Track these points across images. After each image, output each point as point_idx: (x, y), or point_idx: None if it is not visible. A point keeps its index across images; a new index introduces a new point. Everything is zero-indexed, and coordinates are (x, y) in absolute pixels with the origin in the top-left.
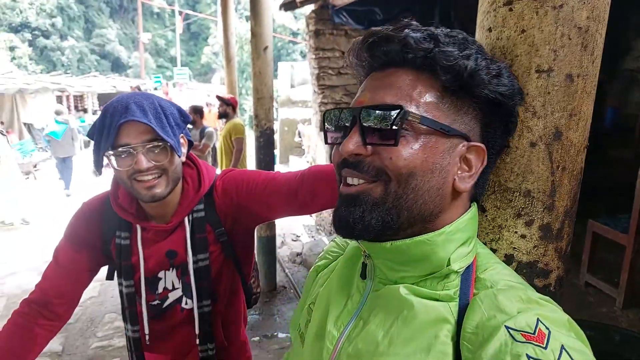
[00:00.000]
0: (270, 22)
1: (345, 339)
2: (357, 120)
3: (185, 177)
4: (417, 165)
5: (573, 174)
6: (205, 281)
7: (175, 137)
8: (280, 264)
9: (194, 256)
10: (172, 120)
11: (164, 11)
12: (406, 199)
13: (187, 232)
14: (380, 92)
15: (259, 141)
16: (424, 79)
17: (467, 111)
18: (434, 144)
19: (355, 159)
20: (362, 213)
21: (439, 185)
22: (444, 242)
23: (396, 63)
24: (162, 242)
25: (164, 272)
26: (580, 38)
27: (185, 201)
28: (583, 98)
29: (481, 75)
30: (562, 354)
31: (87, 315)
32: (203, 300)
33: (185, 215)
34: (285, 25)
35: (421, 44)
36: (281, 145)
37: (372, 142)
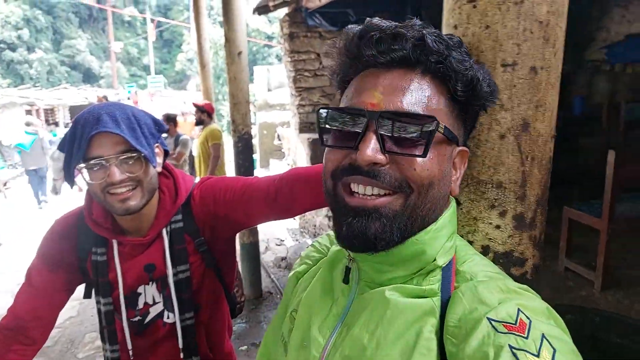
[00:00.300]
0: (244, 26)
1: (331, 346)
2: (373, 126)
3: (161, 188)
4: (436, 174)
5: (542, 163)
6: (186, 293)
7: (150, 147)
8: (265, 269)
9: (173, 268)
10: (147, 130)
11: (135, 19)
12: (422, 208)
13: (166, 244)
14: (397, 97)
15: (237, 146)
16: (437, 84)
17: (459, 116)
18: (443, 151)
19: (372, 168)
20: (382, 227)
21: (446, 191)
22: (432, 240)
23: (405, 64)
24: (140, 256)
25: (143, 286)
26: (541, 32)
27: (163, 212)
28: (547, 89)
29: (484, 86)
30: (542, 342)
31: (67, 336)
32: (185, 313)
33: (163, 227)
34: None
35: (437, 47)
36: (261, 149)
37: (391, 150)
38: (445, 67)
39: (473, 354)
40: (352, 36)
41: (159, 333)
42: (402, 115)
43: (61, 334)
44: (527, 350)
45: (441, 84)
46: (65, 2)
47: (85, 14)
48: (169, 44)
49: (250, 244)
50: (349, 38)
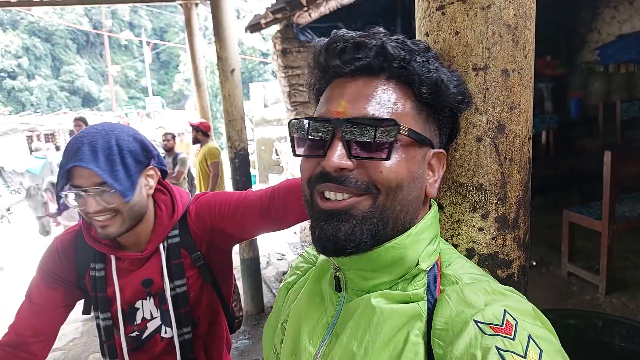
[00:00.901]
0: (235, 45)
1: (322, 355)
2: (339, 133)
3: (158, 204)
4: (404, 176)
5: (521, 164)
6: (184, 308)
7: (130, 178)
8: (267, 284)
9: (171, 283)
10: (130, 159)
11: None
12: (393, 210)
13: (163, 259)
14: (362, 103)
15: (234, 162)
16: (402, 88)
17: (431, 118)
18: (414, 154)
19: (340, 173)
20: (352, 229)
21: (418, 193)
22: (412, 244)
23: (370, 71)
24: (138, 271)
25: (141, 301)
26: (510, 35)
27: (160, 228)
28: (521, 91)
29: (450, 87)
30: (529, 343)
31: (70, 358)
32: (183, 328)
33: (159, 242)
34: (255, 47)
35: (399, 52)
36: (259, 164)
37: (358, 155)
38: (407, 72)
39: (461, 357)
40: (319, 49)
41: (157, 348)
42: (364, 120)
43: (65, 356)
44: (514, 351)
45: (406, 88)
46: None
47: (82, 39)
48: (165, 65)
49: (250, 259)
50: (317, 51)
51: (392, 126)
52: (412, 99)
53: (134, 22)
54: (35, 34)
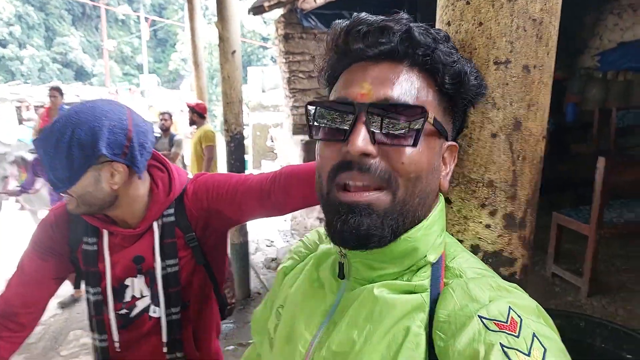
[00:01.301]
0: (238, 26)
1: (318, 342)
2: (363, 117)
3: (155, 181)
4: (423, 167)
5: (533, 163)
6: (174, 288)
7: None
8: (254, 270)
9: (162, 262)
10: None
11: (129, 18)
12: (412, 204)
13: (156, 237)
14: (387, 88)
15: (230, 146)
16: (425, 76)
17: (448, 110)
18: (434, 144)
19: (364, 161)
20: (374, 224)
21: (435, 186)
22: (424, 237)
23: (393, 56)
24: (130, 247)
25: (131, 279)
26: (535, 30)
27: (155, 205)
28: (540, 89)
29: (471, 79)
30: (533, 341)
31: (50, 333)
32: (171, 308)
33: (154, 219)
34: (255, 30)
35: (424, 39)
36: (254, 150)
37: (382, 141)
38: (432, 60)
39: (463, 351)
40: (339, 31)
41: (145, 327)
42: (391, 106)
43: (45, 331)
44: (518, 349)
45: (429, 77)
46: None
47: (78, 11)
48: (163, 43)
49: (240, 244)
50: (337, 33)
51: (420, 113)
52: (435, 89)
53: None
54: (28, 2)
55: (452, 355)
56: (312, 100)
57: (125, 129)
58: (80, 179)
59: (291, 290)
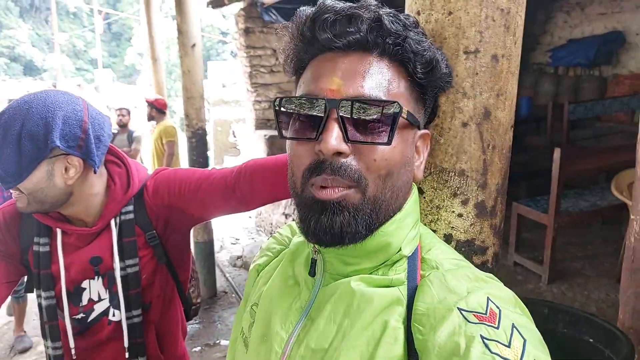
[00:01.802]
0: (197, 18)
1: (295, 340)
2: (334, 114)
3: (112, 177)
4: (396, 162)
5: (502, 152)
6: (134, 289)
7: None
8: (220, 268)
9: (121, 262)
10: (29, 145)
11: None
12: (384, 199)
13: (114, 235)
14: (358, 82)
15: (191, 142)
16: (395, 66)
17: (420, 99)
18: (406, 137)
19: (336, 160)
20: (347, 220)
21: (408, 178)
22: (397, 230)
23: (362, 46)
24: (86, 247)
25: (88, 281)
26: (503, 19)
27: (112, 203)
28: (508, 78)
29: (442, 67)
30: (513, 332)
31: (5, 341)
32: (132, 310)
33: (111, 217)
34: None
35: (394, 27)
36: (215, 145)
37: (355, 139)
38: (403, 49)
39: (444, 344)
40: (305, 19)
41: (103, 332)
42: (364, 102)
43: (0, 338)
44: (499, 340)
45: (399, 66)
46: None
47: (26, 3)
48: (117, 37)
49: (204, 242)
50: (302, 21)
51: (394, 109)
52: (407, 78)
53: None
54: None
55: (432, 349)
56: (281, 97)
57: (80, 120)
58: (32, 174)
59: (265, 288)
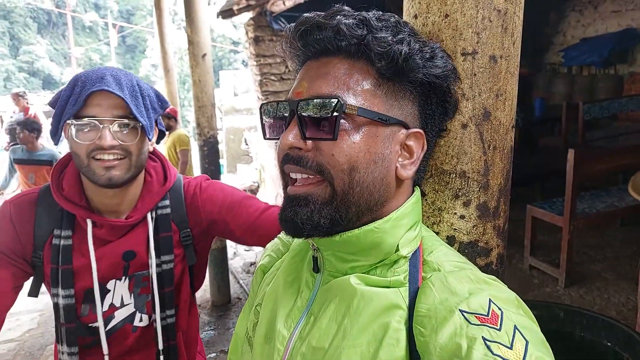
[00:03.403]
0: (207, 29)
1: (297, 338)
2: (295, 113)
3: (148, 170)
4: (359, 158)
5: (504, 152)
6: (168, 287)
7: (150, 119)
8: (233, 275)
9: (157, 258)
10: (149, 102)
11: (96, 24)
12: (353, 194)
13: (150, 229)
14: (317, 83)
15: (203, 150)
16: (360, 66)
17: (405, 96)
18: (374, 133)
19: (296, 153)
20: (310, 213)
21: (382, 175)
22: (392, 229)
23: (330, 51)
24: (117, 241)
25: (114, 282)
26: (500, 20)
27: (149, 195)
28: (507, 78)
29: (415, 59)
30: (515, 334)
31: (26, 349)
32: (166, 310)
33: (148, 210)
34: (225, 35)
35: (354, 30)
36: (228, 154)
37: (311, 136)
38: (361, 49)
39: (445, 345)
40: (289, 33)
41: (127, 341)
42: (312, 100)
43: (20, 347)
44: (501, 342)
45: (367, 66)
46: (22, 7)
47: (44, 19)
48: (132, 49)
49: (217, 249)
50: (287, 35)
51: (334, 104)
52: (374, 76)
53: (99, 3)
54: None
55: (434, 350)
56: (262, 103)
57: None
58: (152, 131)
59: (269, 288)
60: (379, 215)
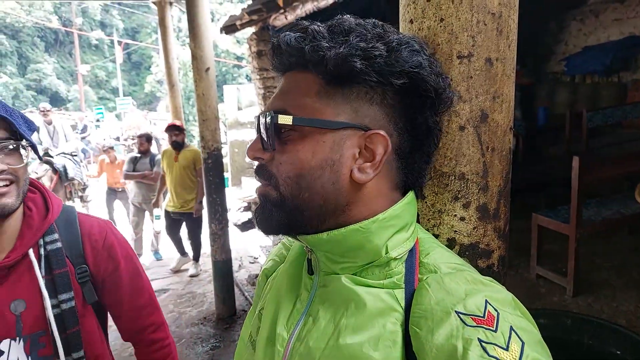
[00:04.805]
0: (210, 43)
1: (295, 339)
2: (257, 127)
3: (25, 202)
4: (304, 165)
5: (502, 154)
6: (72, 328)
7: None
8: (239, 287)
9: (53, 299)
10: (23, 123)
11: (102, 42)
12: (302, 199)
13: (36, 268)
14: (276, 98)
15: (207, 163)
16: (307, 77)
17: (360, 98)
18: (320, 139)
19: (259, 163)
20: (269, 213)
21: (333, 179)
22: (378, 230)
23: (289, 67)
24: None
25: (9, 342)
26: (495, 23)
27: (29, 230)
28: (504, 81)
29: (352, 61)
30: (511, 335)
31: None
32: (72, 353)
33: (29, 247)
34: (229, 50)
35: (294, 44)
36: (232, 167)
37: (265, 147)
38: (300, 59)
39: (441, 347)
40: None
41: None
42: (260, 115)
43: None
44: (497, 343)
45: (312, 75)
46: (30, 26)
47: (51, 38)
48: (137, 66)
49: (222, 261)
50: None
51: (271, 118)
52: (320, 84)
53: (105, 22)
54: (0, 31)
55: (430, 352)
56: (255, 116)
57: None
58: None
59: (270, 291)
60: (346, 219)
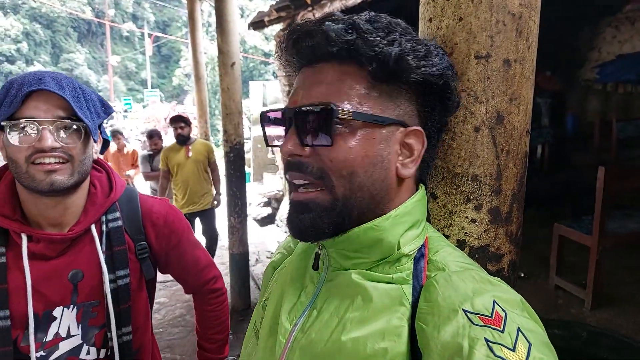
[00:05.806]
0: (237, 38)
1: (298, 331)
2: (292, 122)
3: (92, 180)
4: (357, 162)
5: (517, 157)
6: (124, 304)
7: (93, 122)
8: (254, 281)
9: (111, 273)
10: (92, 106)
11: (133, 34)
12: (355, 198)
13: (98, 243)
14: (312, 90)
15: (229, 156)
16: (352, 70)
17: (400, 96)
18: (371, 136)
19: (296, 159)
20: (313, 219)
21: (382, 176)
22: (392, 226)
23: (323, 57)
24: (60, 259)
25: (62, 309)
26: (514, 24)
27: (93, 207)
28: (522, 82)
29: (408, 60)
30: (518, 336)
31: None
32: (122, 328)
33: (91, 222)
34: (257, 46)
35: (342, 36)
36: (255, 162)
37: (309, 143)
38: (354, 53)
39: (447, 344)
40: (282, 41)
41: None
42: (307, 108)
43: None
44: (503, 344)
45: (359, 69)
46: (64, 16)
47: (84, 28)
48: (166, 59)
49: (239, 254)
50: (281, 43)
51: (328, 111)
52: (367, 79)
53: (137, 14)
54: (36, 20)
55: (435, 347)
56: (261, 112)
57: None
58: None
59: (275, 283)
60: (380, 214)
